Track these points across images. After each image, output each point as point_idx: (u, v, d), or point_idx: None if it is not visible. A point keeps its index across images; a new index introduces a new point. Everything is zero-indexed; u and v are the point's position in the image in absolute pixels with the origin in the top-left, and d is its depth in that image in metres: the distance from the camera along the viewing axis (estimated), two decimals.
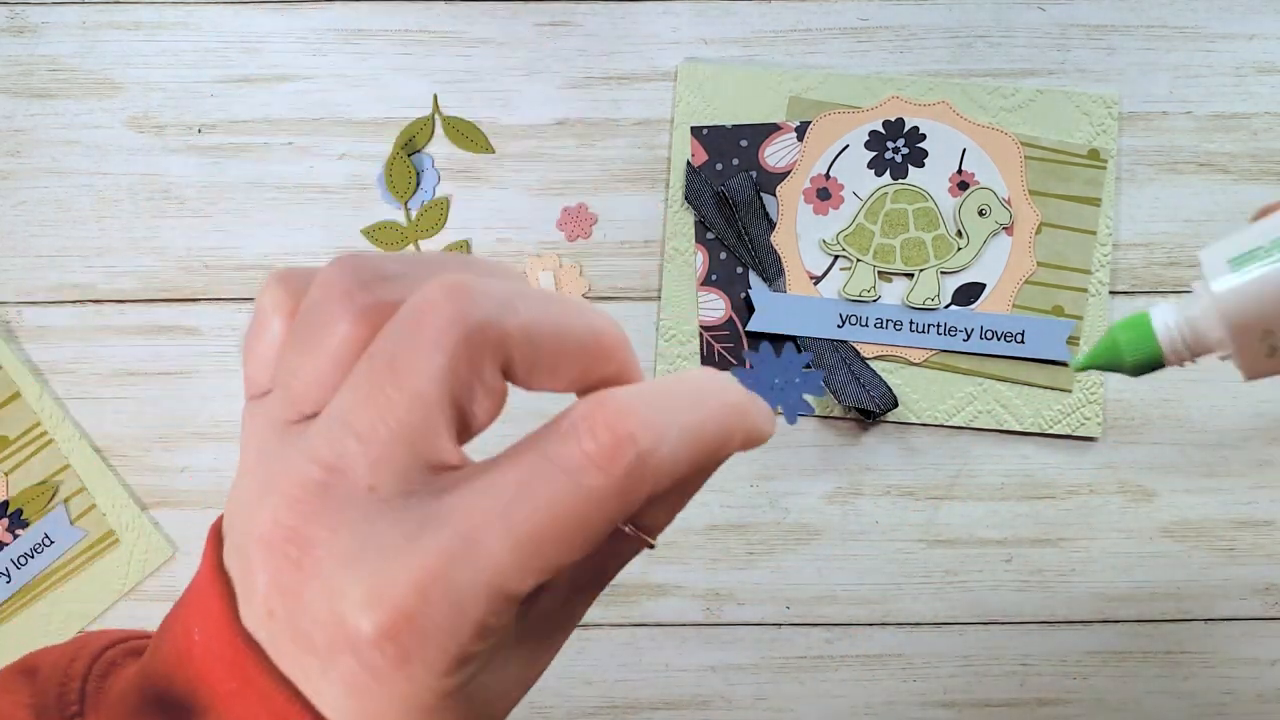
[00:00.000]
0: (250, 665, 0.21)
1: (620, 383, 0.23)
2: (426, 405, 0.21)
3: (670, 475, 0.21)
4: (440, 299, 0.21)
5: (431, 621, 0.20)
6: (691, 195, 0.52)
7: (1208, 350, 0.29)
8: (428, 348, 0.21)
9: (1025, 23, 0.53)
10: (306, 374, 0.22)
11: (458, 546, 0.20)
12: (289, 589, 0.21)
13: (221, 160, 0.53)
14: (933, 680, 0.52)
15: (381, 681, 0.21)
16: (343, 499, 0.21)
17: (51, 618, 0.51)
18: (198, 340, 0.53)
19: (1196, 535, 0.52)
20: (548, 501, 0.20)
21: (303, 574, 0.21)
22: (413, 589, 0.20)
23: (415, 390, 0.21)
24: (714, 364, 0.52)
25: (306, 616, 0.21)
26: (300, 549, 0.21)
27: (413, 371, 0.21)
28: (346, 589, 0.20)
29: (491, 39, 0.53)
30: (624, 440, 0.21)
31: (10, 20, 0.53)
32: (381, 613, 0.20)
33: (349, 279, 0.22)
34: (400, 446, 0.21)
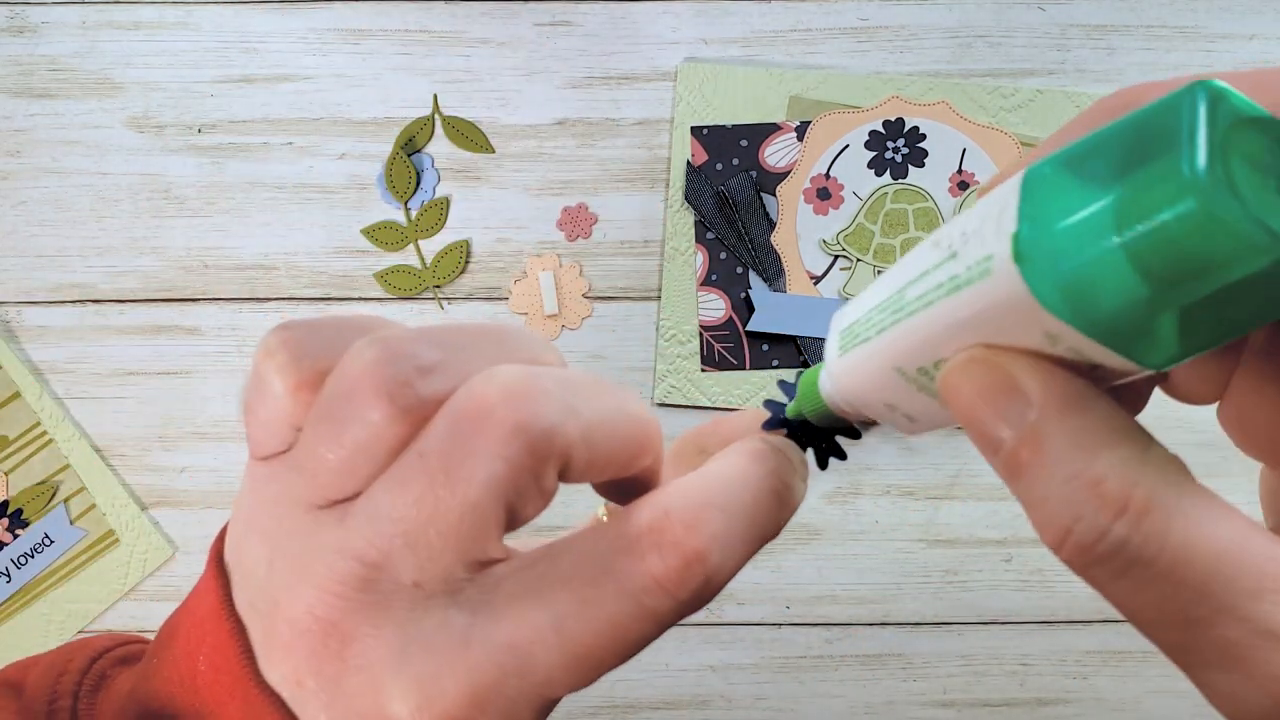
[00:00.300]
0: (269, 712, 0.21)
1: (654, 473, 0.23)
2: (480, 511, 0.20)
3: (730, 580, 0.21)
4: (499, 403, 0.20)
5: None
6: (691, 195, 0.52)
7: (863, 416, 0.24)
8: (487, 456, 0.20)
9: (1025, 23, 0.53)
10: (335, 465, 0.21)
11: (510, 659, 0.20)
12: (326, 673, 0.21)
13: (221, 160, 0.53)
14: (933, 680, 0.52)
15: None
16: (386, 595, 0.20)
17: (51, 618, 0.51)
18: (198, 340, 0.53)
19: None
20: (608, 621, 0.20)
21: (345, 665, 0.20)
22: (465, 699, 0.20)
23: (470, 497, 0.20)
24: (714, 364, 0.52)
25: (345, 703, 0.20)
26: (341, 642, 0.20)
27: (469, 478, 0.20)
28: (394, 689, 0.20)
29: (491, 39, 0.53)
30: (694, 562, 0.20)
31: (10, 20, 0.53)
32: (431, 717, 0.20)
33: (386, 375, 0.21)
34: (449, 549, 0.20)
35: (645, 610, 0.20)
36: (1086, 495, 0.18)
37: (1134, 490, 0.18)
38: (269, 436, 0.23)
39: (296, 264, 0.53)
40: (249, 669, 0.22)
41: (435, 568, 0.20)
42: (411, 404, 0.21)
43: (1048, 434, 0.18)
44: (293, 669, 0.21)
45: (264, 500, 0.23)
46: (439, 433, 0.20)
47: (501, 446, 0.20)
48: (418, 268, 0.53)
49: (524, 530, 0.22)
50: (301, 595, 0.21)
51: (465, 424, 0.20)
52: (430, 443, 0.20)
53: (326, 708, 0.21)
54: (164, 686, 0.23)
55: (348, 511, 0.21)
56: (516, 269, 0.53)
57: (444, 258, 0.53)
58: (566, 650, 0.20)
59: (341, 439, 0.21)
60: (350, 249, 0.53)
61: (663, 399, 0.52)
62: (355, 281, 0.53)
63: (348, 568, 0.21)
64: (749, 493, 0.22)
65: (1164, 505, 0.18)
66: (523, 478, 0.20)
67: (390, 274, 0.53)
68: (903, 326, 0.20)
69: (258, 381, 0.22)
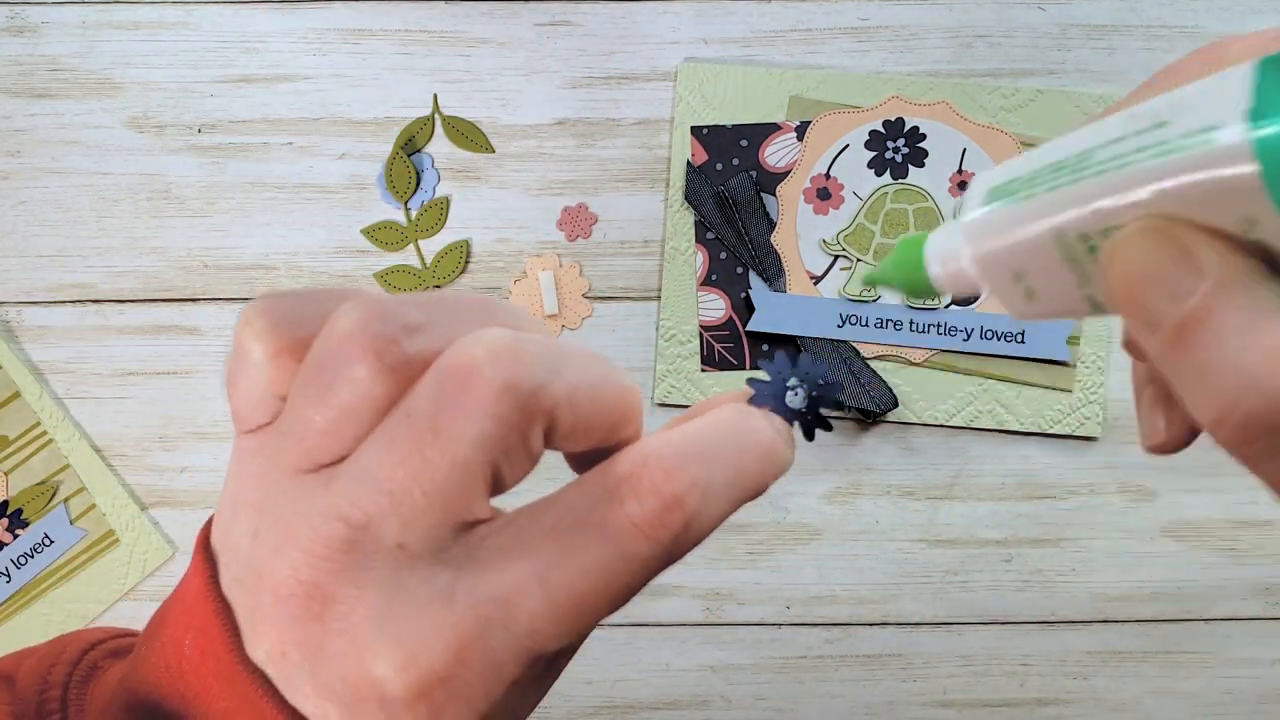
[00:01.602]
0: (253, 691, 0.21)
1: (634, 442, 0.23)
2: (468, 470, 0.20)
3: (712, 530, 0.21)
4: (487, 362, 0.20)
5: (465, 683, 0.20)
6: (691, 195, 0.52)
7: (972, 287, 0.24)
8: (475, 414, 0.20)
9: (1025, 23, 0.53)
10: (322, 426, 0.21)
11: (494, 610, 0.20)
12: (309, 641, 0.20)
13: (221, 160, 0.53)
14: (933, 680, 0.52)
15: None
16: (369, 556, 0.20)
17: (51, 618, 0.51)
18: (198, 340, 0.53)
19: (1196, 535, 0.52)
20: (590, 568, 0.20)
21: (326, 628, 0.20)
22: (448, 652, 0.20)
23: (458, 456, 0.20)
24: (714, 364, 0.52)
25: (329, 669, 0.20)
26: (323, 605, 0.20)
27: (457, 437, 0.20)
28: (377, 647, 0.20)
29: (491, 39, 0.53)
30: (672, 506, 0.20)
31: (10, 20, 0.53)
32: (416, 673, 0.20)
33: (372, 332, 0.20)
34: (435, 508, 0.20)
35: (627, 555, 0.20)
36: (1261, 363, 0.17)
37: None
38: (252, 408, 0.23)
39: (296, 264, 0.53)
40: (233, 647, 0.21)
41: (420, 527, 0.20)
42: (398, 361, 0.20)
43: (1220, 306, 0.18)
44: (277, 640, 0.21)
45: (250, 472, 0.22)
46: (426, 392, 0.20)
47: (490, 405, 0.20)
48: (418, 268, 0.53)
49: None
50: (285, 559, 0.20)
51: (453, 383, 0.20)
52: (418, 402, 0.20)
53: (311, 677, 0.20)
54: (151, 673, 0.23)
55: (334, 474, 0.21)
56: (516, 269, 0.53)
57: (444, 258, 0.53)
58: (550, 599, 0.20)
59: (328, 399, 0.21)
60: (350, 249, 0.53)
61: (663, 399, 0.52)
62: (355, 281, 0.53)
63: (332, 530, 0.20)
64: (731, 444, 0.22)
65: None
66: (511, 436, 0.20)
67: (390, 274, 0.53)
68: (1082, 187, 0.19)
69: (238, 351, 0.22)
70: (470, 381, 0.20)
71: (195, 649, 0.22)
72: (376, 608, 0.20)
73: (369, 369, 0.20)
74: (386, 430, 0.21)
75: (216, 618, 0.22)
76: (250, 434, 0.23)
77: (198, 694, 0.22)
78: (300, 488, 0.21)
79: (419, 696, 0.20)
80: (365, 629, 0.20)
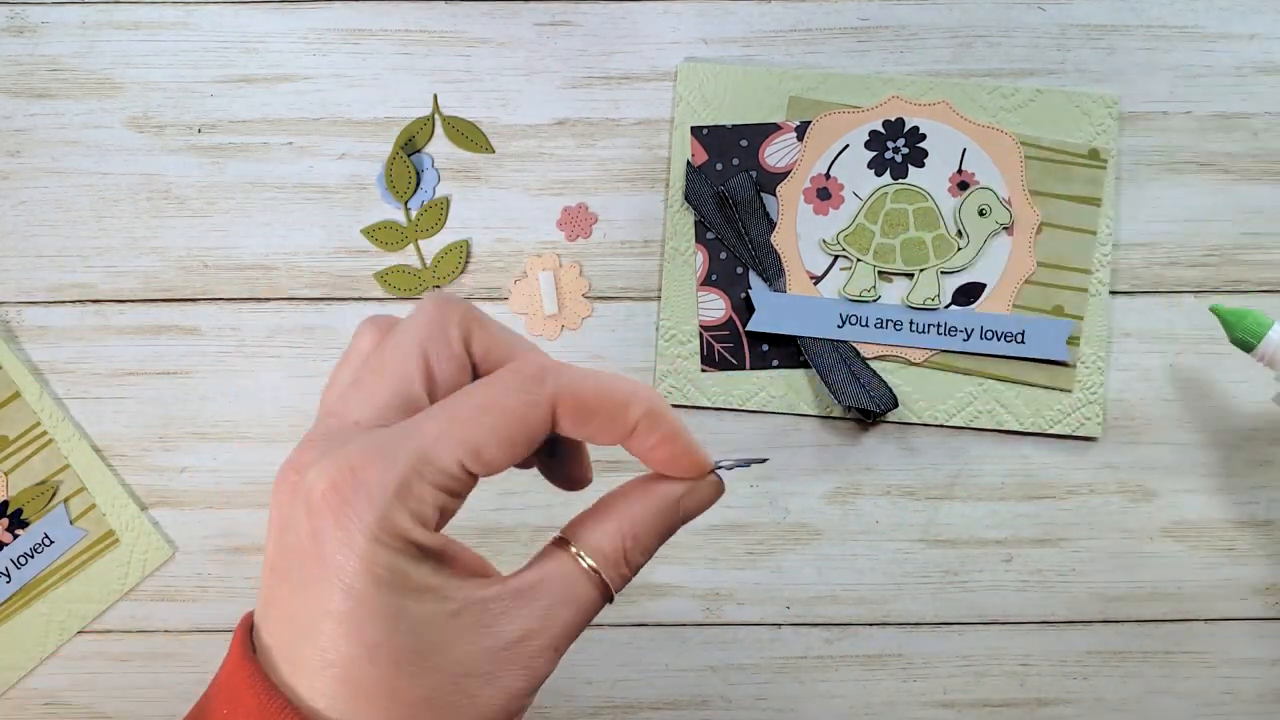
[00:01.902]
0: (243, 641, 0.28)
1: (661, 439, 0.29)
2: (404, 351, 0.28)
3: (573, 398, 0.27)
4: (431, 299, 0.29)
5: (368, 474, 0.25)
6: (691, 195, 0.52)
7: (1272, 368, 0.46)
8: (409, 320, 0.28)
9: (1025, 23, 0.53)
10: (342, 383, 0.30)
11: (402, 430, 0.26)
12: (282, 514, 0.26)
13: (221, 160, 0.53)
14: (933, 680, 0.52)
15: (322, 542, 0.25)
16: (337, 431, 0.27)
17: (51, 618, 0.51)
18: (198, 340, 0.53)
19: (1196, 535, 0.52)
20: (481, 397, 0.26)
21: (297, 486, 0.26)
22: (357, 453, 0.25)
23: (398, 343, 0.28)
24: (714, 364, 0.52)
25: (281, 530, 0.26)
26: (298, 472, 0.26)
27: (397, 334, 0.28)
28: (310, 465, 0.26)
29: (491, 39, 0.53)
30: (542, 372, 0.27)
31: (10, 20, 0.53)
32: (333, 471, 0.25)
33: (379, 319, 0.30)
34: (383, 387, 0.27)
35: (511, 393, 0.27)
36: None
37: None
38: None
39: (296, 264, 0.53)
40: (247, 645, 0.27)
41: (372, 403, 0.27)
42: (384, 325, 0.29)
43: None
44: (268, 569, 0.27)
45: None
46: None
47: (420, 313, 0.28)
48: (418, 268, 0.53)
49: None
50: (283, 474, 0.27)
51: (409, 317, 0.29)
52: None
53: (276, 540, 0.27)
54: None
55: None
56: (516, 269, 0.53)
57: (444, 258, 0.53)
58: (447, 416, 0.26)
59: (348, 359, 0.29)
60: (350, 249, 0.53)
61: None
62: (355, 281, 0.53)
63: (318, 427, 0.28)
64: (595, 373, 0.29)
65: None
66: (432, 328, 0.28)
67: (390, 274, 0.53)
68: None
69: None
70: (419, 309, 0.29)
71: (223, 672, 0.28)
72: (322, 453, 0.26)
73: (370, 333, 0.30)
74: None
75: (245, 644, 0.27)
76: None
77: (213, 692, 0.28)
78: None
79: (332, 487, 0.25)
80: (311, 459, 0.26)
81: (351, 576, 0.24)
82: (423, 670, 0.25)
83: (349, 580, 0.24)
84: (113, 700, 0.51)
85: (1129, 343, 0.53)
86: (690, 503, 0.31)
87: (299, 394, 0.52)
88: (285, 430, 0.52)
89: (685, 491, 0.30)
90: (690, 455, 0.29)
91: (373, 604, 0.24)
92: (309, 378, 0.52)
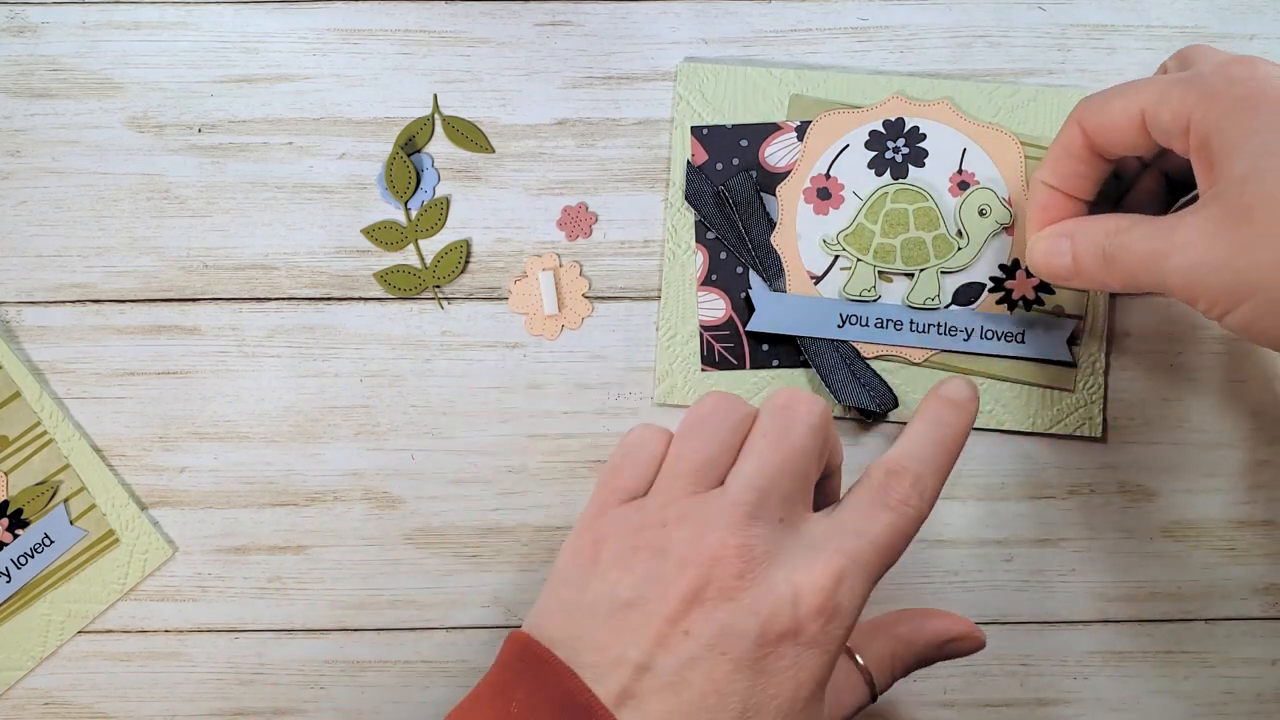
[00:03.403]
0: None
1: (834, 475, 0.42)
2: (806, 454, 0.37)
3: (936, 491, 0.38)
4: (792, 396, 0.38)
5: (842, 600, 0.34)
6: (692, 195, 0.52)
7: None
8: (801, 420, 0.37)
9: (1025, 23, 0.53)
10: (707, 457, 0.37)
11: (842, 556, 0.35)
12: (729, 591, 0.34)
13: (221, 160, 0.53)
14: (933, 680, 0.52)
15: (817, 647, 0.34)
16: (762, 522, 0.35)
17: (51, 618, 0.51)
18: (198, 340, 0.53)
19: (1196, 535, 0.52)
20: (884, 526, 0.36)
21: (746, 580, 0.34)
22: (828, 575, 0.34)
23: (799, 445, 0.36)
24: (714, 364, 0.52)
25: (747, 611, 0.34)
26: (746, 561, 0.34)
27: (796, 435, 0.37)
28: (781, 581, 0.34)
29: (491, 39, 0.53)
30: (910, 479, 0.37)
31: (10, 20, 0.53)
32: (818, 596, 0.34)
33: (724, 399, 0.39)
34: (796, 486, 0.36)
35: (902, 517, 0.36)
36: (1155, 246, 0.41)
37: None
38: (638, 481, 0.38)
39: (296, 264, 0.53)
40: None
41: (789, 501, 0.36)
42: (746, 415, 0.38)
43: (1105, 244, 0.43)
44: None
45: (629, 527, 0.36)
46: (767, 420, 0.37)
47: (807, 415, 0.37)
48: (418, 267, 0.53)
49: None
50: (713, 538, 0.34)
51: (782, 409, 0.37)
52: (765, 426, 0.37)
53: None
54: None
55: (725, 485, 0.36)
56: (516, 269, 0.53)
57: (444, 257, 0.53)
58: (873, 545, 0.35)
59: (709, 440, 0.37)
60: (350, 249, 0.53)
61: (663, 399, 0.52)
62: (355, 281, 0.53)
63: (739, 511, 0.35)
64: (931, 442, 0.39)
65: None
66: (819, 439, 0.37)
67: (390, 274, 0.53)
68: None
69: (638, 443, 0.38)
70: (792, 404, 0.37)
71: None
72: (774, 558, 0.34)
73: (733, 416, 0.38)
74: (751, 448, 0.36)
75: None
76: (629, 502, 0.37)
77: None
78: (704, 497, 0.36)
79: (820, 611, 0.33)
80: (771, 571, 0.34)
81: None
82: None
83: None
84: (113, 700, 0.51)
85: (1129, 342, 0.53)
86: (954, 649, 0.43)
87: (299, 394, 0.52)
88: (285, 430, 0.52)
89: (955, 638, 0.42)
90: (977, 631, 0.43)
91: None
92: (309, 378, 0.52)
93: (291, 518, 0.52)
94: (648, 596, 0.34)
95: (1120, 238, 0.41)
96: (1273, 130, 0.36)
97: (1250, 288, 0.35)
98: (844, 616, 0.34)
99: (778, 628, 0.33)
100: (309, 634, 0.52)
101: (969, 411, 0.40)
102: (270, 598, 0.52)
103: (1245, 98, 0.37)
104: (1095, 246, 0.42)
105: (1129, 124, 0.41)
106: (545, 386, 0.53)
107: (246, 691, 0.52)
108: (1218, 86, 0.38)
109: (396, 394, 0.53)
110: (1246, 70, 0.38)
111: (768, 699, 0.32)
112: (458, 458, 0.53)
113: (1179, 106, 0.39)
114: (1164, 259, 0.38)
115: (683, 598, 0.33)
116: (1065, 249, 0.44)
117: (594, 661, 0.33)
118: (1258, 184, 0.35)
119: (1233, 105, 0.37)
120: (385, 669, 0.52)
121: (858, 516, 0.36)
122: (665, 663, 0.33)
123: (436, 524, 0.52)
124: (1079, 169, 0.45)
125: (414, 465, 0.52)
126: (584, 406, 0.52)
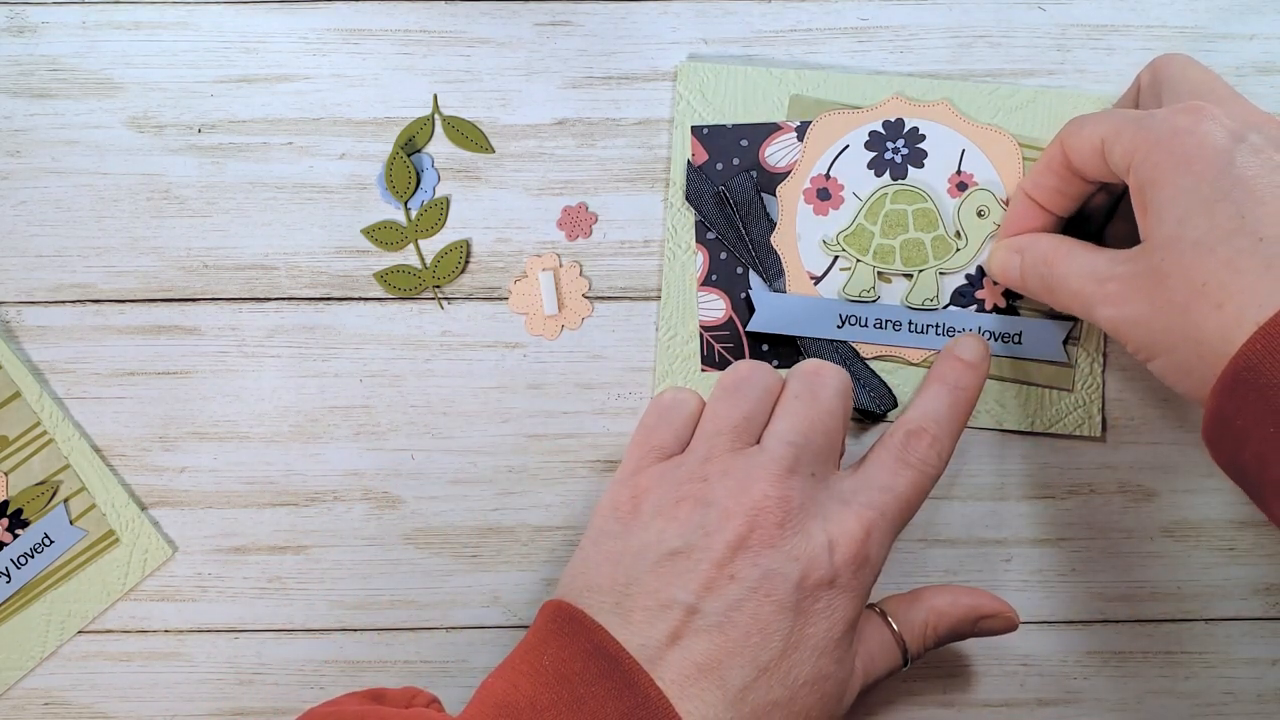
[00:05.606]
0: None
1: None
2: (834, 415, 0.41)
3: (951, 450, 0.43)
4: (819, 363, 0.43)
5: (871, 549, 0.39)
6: (692, 195, 0.52)
7: None
8: (829, 384, 0.42)
9: (1025, 23, 0.53)
10: (746, 414, 0.41)
11: (871, 508, 0.40)
12: (768, 539, 0.37)
13: (221, 160, 0.53)
14: (933, 680, 0.52)
15: (849, 592, 0.38)
16: (799, 476, 0.39)
17: (51, 618, 0.51)
18: (198, 340, 0.53)
19: (1196, 535, 0.52)
20: (907, 483, 0.41)
21: (786, 529, 0.38)
22: (860, 528, 0.39)
23: (828, 406, 0.41)
24: (714, 364, 0.52)
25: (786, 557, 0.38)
26: (785, 512, 0.38)
27: (826, 397, 0.41)
28: (818, 531, 0.38)
29: (491, 39, 0.53)
30: (928, 440, 0.42)
31: (10, 20, 0.53)
32: (852, 546, 0.39)
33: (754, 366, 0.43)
34: (828, 443, 0.41)
35: (922, 473, 0.42)
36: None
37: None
38: (676, 439, 0.42)
39: (296, 264, 0.53)
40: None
41: (821, 459, 0.40)
42: (774, 380, 0.42)
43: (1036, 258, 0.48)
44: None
45: (670, 481, 0.40)
46: (797, 383, 0.42)
47: (833, 379, 0.42)
48: (418, 268, 0.53)
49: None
50: (756, 489, 0.38)
51: (811, 373, 0.42)
52: (794, 389, 0.41)
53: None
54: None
55: (763, 443, 0.40)
56: (516, 269, 0.53)
57: (444, 257, 0.53)
58: (897, 500, 0.41)
59: (746, 401, 0.41)
60: (350, 249, 0.53)
61: None
62: (355, 281, 0.53)
63: (778, 465, 0.38)
64: (949, 391, 0.44)
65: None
66: (846, 402, 0.42)
67: (390, 274, 0.53)
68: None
69: (675, 403, 0.43)
70: (820, 370, 0.42)
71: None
72: (810, 509, 0.38)
73: (766, 380, 0.42)
74: (785, 409, 0.41)
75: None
76: (666, 459, 0.41)
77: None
78: (744, 453, 0.39)
79: (854, 560, 0.38)
80: (809, 521, 0.38)
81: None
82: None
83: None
84: (113, 700, 0.51)
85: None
86: (987, 625, 0.45)
87: (299, 394, 0.52)
88: (285, 430, 0.52)
89: (988, 614, 0.45)
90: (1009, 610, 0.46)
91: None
92: (309, 378, 0.52)
93: (291, 518, 0.52)
94: (695, 544, 0.37)
95: (1058, 269, 0.44)
96: (1195, 196, 0.38)
97: (1161, 347, 0.39)
98: (873, 564, 0.39)
99: (816, 574, 0.37)
100: (309, 634, 0.52)
101: (981, 371, 0.44)
102: (270, 598, 0.52)
103: (1182, 155, 0.38)
104: (1036, 271, 0.45)
105: (1093, 151, 0.43)
106: (545, 386, 0.53)
107: (246, 691, 0.52)
108: (1162, 136, 0.39)
109: (396, 394, 0.53)
110: (1190, 122, 0.39)
111: (805, 637, 0.36)
112: (458, 458, 0.53)
113: (1129, 145, 0.41)
114: (1095, 304, 0.42)
115: (728, 545, 0.37)
116: (1016, 265, 0.47)
117: (645, 605, 0.37)
118: (1174, 253, 0.37)
119: (1169, 160, 0.39)
120: (385, 669, 0.52)
121: (882, 474, 0.41)
122: (713, 605, 0.36)
123: (436, 524, 0.52)
124: (1057, 185, 0.47)
125: (414, 465, 0.52)
126: (584, 406, 0.53)
